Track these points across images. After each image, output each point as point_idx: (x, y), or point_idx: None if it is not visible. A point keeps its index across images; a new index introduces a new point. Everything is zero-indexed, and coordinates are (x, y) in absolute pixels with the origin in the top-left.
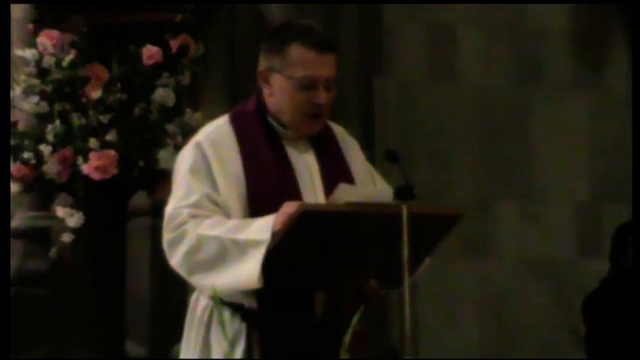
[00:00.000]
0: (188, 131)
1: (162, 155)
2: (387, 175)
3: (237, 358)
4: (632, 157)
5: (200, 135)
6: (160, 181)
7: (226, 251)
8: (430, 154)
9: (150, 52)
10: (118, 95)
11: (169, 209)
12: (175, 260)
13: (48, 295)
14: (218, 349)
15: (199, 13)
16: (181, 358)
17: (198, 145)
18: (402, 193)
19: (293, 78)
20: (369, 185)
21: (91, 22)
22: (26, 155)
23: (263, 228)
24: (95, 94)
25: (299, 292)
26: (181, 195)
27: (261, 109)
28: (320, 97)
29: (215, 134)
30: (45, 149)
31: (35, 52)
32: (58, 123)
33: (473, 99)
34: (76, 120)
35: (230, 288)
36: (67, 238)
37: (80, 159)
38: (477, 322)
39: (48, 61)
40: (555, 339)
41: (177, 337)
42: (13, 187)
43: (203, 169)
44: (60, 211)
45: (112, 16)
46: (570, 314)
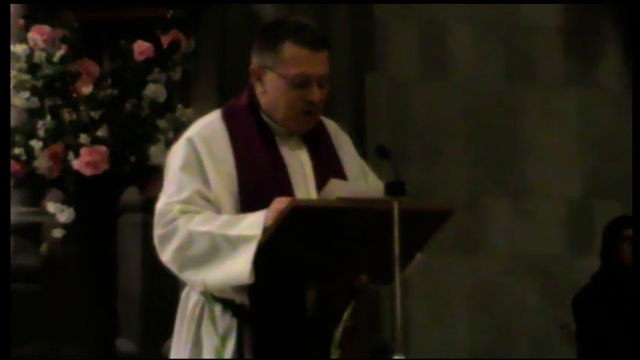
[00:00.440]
0: (179, 127)
1: (154, 151)
2: (378, 171)
3: (228, 353)
4: (632, 155)
5: (192, 131)
6: (151, 177)
7: (217, 247)
8: (421, 150)
9: (141, 48)
10: (109, 91)
11: (160, 205)
12: (166, 256)
13: (38, 291)
14: (209, 344)
15: (191, 9)
16: (172, 353)
17: (189, 141)
18: (393, 188)
19: (286, 76)
20: (360, 181)
21: (82, 18)
22: (17, 151)
23: (254, 224)
24: (86, 89)
25: (290, 288)
26: (172, 191)
27: (254, 105)
28: (313, 94)
29: (207, 130)
30: (36, 145)
31: (26, 47)
32: (49, 118)
33: (464, 96)
34: (67, 115)
35: (221, 284)
36: (57, 233)
37: (71, 154)
38: (467, 318)
39: (39, 57)
40: (546, 335)
41: (168, 332)
42: None
43: (194, 165)
44: (51, 207)
45: (103, 12)
46: (561, 311)
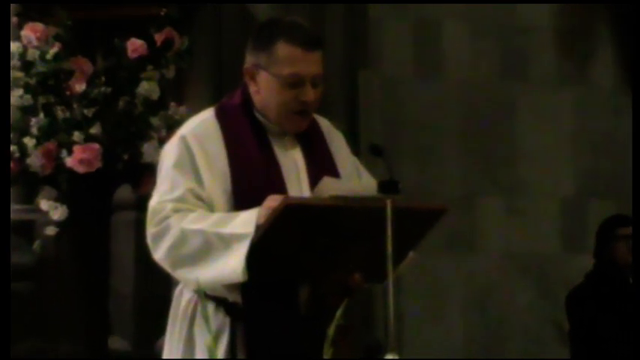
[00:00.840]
0: (172, 125)
1: (147, 149)
2: (371, 170)
3: (221, 351)
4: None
5: (185, 129)
6: (145, 175)
7: (210, 245)
8: (415, 149)
9: (134, 46)
10: (102, 88)
11: (153, 203)
12: (159, 254)
13: (32, 289)
14: (201, 342)
15: (184, 7)
16: (165, 352)
17: (182, 139)
18: (387, 187)
19: (279, 76)
20: (353, 179)
21: (76, 15)
22: (10, 148)
23: (247, 221)
24: (79, 87)
25: (283, 286)
26: (165, 189)
27: (247, 104)
28: (307, 94)
29: (200, 128)
30: (29, 142)
31: (19, 45)
32: (42, 116)
33: (458, 94)
34: (60, 113)
35: (214, 282)
36: (51, 231)
37: (64, 152)
38: (461, 316)
39: (32, 54)
40: (540, 334)
41: (160, 331)
42: None
43: (187, 163)
44: (44, 205)
45: (97, 10)
46: (555, 309)
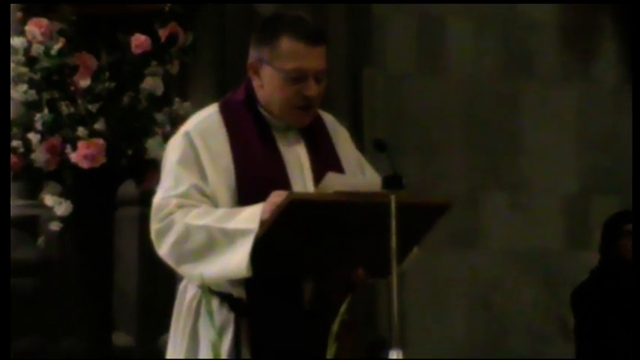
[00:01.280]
0: (177, 120)
1: (151, 144)
2: (375, 165)
3: (225, 347)
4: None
5: (189, 125)
6: (149, 170)
7: (214, 240)
8: (419, 145)
9: (139, 41)
10: (106, 84)
11: (157, 199)
12: (163, 250)
13: (36, 284)
14: (206, 338)
15: (189, 2)
16: (169, 347)
17: (186, 135)
18: (391, 182)
19: (283, 70)
20: (358, 174)
21: (80, 11)
22: (14, 143)
23: (251, 217)
24: (84, 82)
25: (287, 282)
26: (169, 185)
27: (251, 99)
28: (310, 89)
29: (204, 124)
30: (33, 137)
31: (24, 40)
32: (46, 111)
33: (462, 91)
34: (65, 108)
35: (218, 277)
36: (55, 226)
37: (69, 147)
38: (465, 312)
39: (36, 50)
40: (543, 330)
41: (164, 326)
42: None
43: (192, 159)
44: (48, 200)
45: (101, 5)
46: (558, 305)
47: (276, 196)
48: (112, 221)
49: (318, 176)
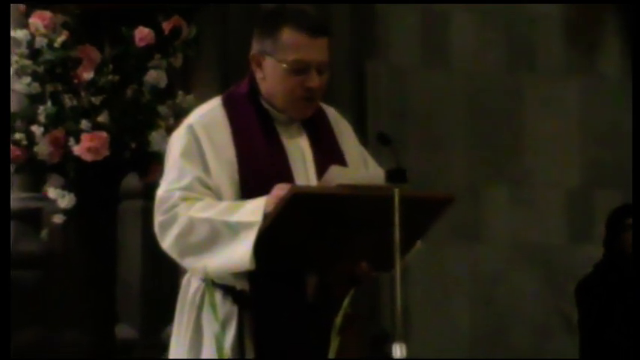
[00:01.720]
0: (180, 113)
1: (154, 137)
2: (378, 159)
3: (229, 340)
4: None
5: (192, 118)
6: (152, 163)
7: (218, 233)
8: (422, 139)
9: (142, 34)
10: (109, 77)
11: (161, 192)
12: (167, 243)
13: (39, 277)
14: (209, 331)
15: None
16: (173, 340)
17: (190, 128)
18: (394, 176)
19: (285, 61)
20: (361, 168)
21: (83, 4)
22: (18, 136)
23: (255, 210)
24: (87, 75)
25: (290, 275)
26: (173, 178)
27: (254, 92)
28: (312, 80)
29: (207, 117)
30: (36, 130)
31: (27, 32)
32: (49, 104)
33: (465, 84)
34: (68, 101)
35: (222, 270)
36: (58, 219)
37: (72, 140)
38: (467, 306)
39: (40, 42)
40: (546, 324)
41: (168, 319)
42: None
43: (195, 152)
44: (51, 193)
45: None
46: (561, 299)
47: (280, 190)
48: (116, 214)
49: (320, 169)
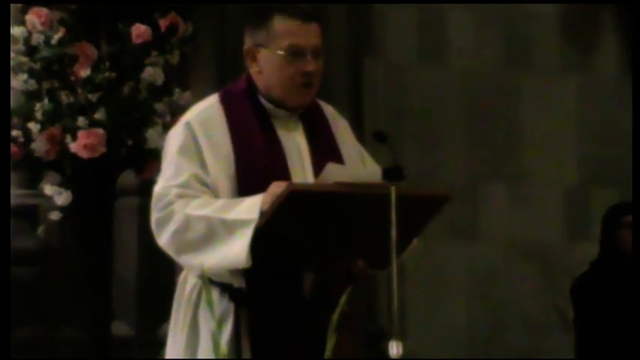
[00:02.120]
0: (177, 110)
1: (151, 134)
2: (375, 156)
3: (225, 337)
4: (632, 141)
5: (190, 114)
6: (148, 161)
7: (214, 231)
8: (419, 136)
9: (139, 31)
10: (106, 74)
11: (158, 189)
12: (163, 240)
13: (35, 274)
14: (206, 328)
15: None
16: (169, 337)
17: (187, 125)
18: (391, 173)
19: (280, 49)
20: (358, 165)
21: (80, 3)
22: (14, 133)
23: (251, 207)
24: (84, 72)
25: (287, 272)
26: (170, 175)
27: (252, 89)
28: (308, 65)
29: (205, 114)
30: (33, 127)
31: (24, 29)
32: (46, 101)
33: (462, 81)
34: (65, 98)
35: (218, 267)
36: (54, 216)
37: (68, 137)
38: (464, 304)
39: (37, 39)
40: (542, 321)
41: (164, 316)
42: None
43: (192, 149)
44: (48, 190)
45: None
46: (558, 296)
47: (276, 187)
48: (112, 211)
49: (317, 165)
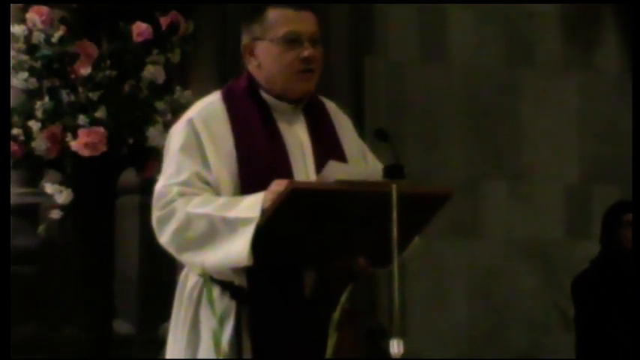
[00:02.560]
0: (177, 109)
1: (152, 133)
2: (376, 154)
3: (226, 335)
4: (632, 139)
5: (192, 112)
6: (149, 159)
7: (216, 229)
8: (420, 134)
9: (140, 29)
10: (107, 72)
11: (159, 187)
12: (165, 238)
13: (36, 272)
14: (207, 326)
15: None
16: (170, 335)
17: (189, 122)
18: (392, 171)
19: (277, 37)
20: (359, 163)
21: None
22: (15, 131)
23: (252, 205)
24: (84, 70)
25: (288, 270)
26: (171, 172)
27: (253, 85)
28: (307, 51)
29: (207, 111)
30: (34, 125)
31: (24, 28)
32: (47, 99)
33: (463, 79)
34: (65, 96)
35: (220, 265)
36: (55, 214)
37: (69, 136)
38: (465, 301)
39: (37, 37)
40: (543, 319)
41: (165, 314)
42: None
43: (194, 146)
44: (49, 188)
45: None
46: (559, 295)
47: (278, 185)
48: (113, 209)
49: (319, 163)
